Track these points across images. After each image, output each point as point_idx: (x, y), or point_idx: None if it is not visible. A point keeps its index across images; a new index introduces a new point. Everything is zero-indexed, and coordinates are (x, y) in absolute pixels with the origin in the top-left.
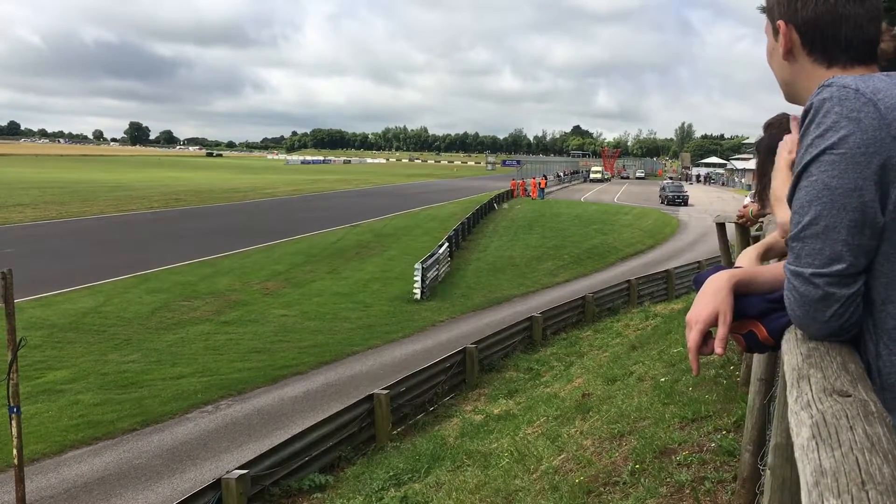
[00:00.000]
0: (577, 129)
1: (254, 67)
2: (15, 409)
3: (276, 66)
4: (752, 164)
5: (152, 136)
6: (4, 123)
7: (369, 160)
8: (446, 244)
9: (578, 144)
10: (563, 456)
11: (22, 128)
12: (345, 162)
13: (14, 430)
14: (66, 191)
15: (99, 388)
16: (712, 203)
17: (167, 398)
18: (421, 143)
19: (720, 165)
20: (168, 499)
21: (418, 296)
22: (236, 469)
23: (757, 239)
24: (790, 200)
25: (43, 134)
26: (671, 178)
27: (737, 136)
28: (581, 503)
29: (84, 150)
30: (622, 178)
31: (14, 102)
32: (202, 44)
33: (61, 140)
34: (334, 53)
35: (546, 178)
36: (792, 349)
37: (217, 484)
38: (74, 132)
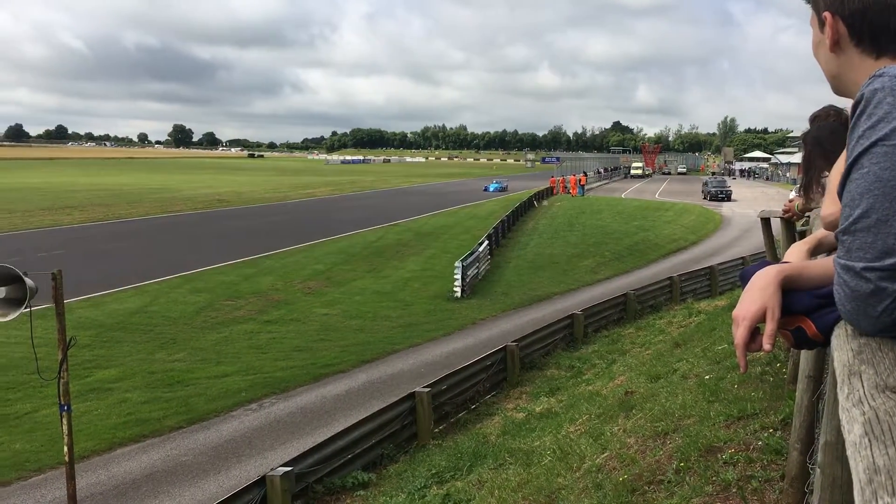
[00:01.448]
0: (616, 125)
1: (292, 68)
2: (66, 408)
3: (314, 67)
4: (797, 157)
5: (195, 138)
6: (52, 128)
7: (408, 159)
8: (486, 242)
9: (618, 140)
10: (606, 454)
11: (69, 132)
12: (384, 161)
13: (65, 428)
14: (113, 193)
15: (146, 386)
16: (756, 198)
17: (212, 396)
18: (460, 141)
19: (764, 160)
20: (214, 496)
21: (458, 294)
22: (281, 466)
23: (803, 234)
24: (840, 193)
25: (90, 137)
26: (714, 174)
27: (781, 130)
28: (625, 502)
29: (129, 153)
30: (663, 173)
31: (61, 107)
32: (241, 46)
33: (107, 143)
34: (372, 53)
35: (586, 175)
36: (842, 345)
37: (262, 481)
38: (120, 135)
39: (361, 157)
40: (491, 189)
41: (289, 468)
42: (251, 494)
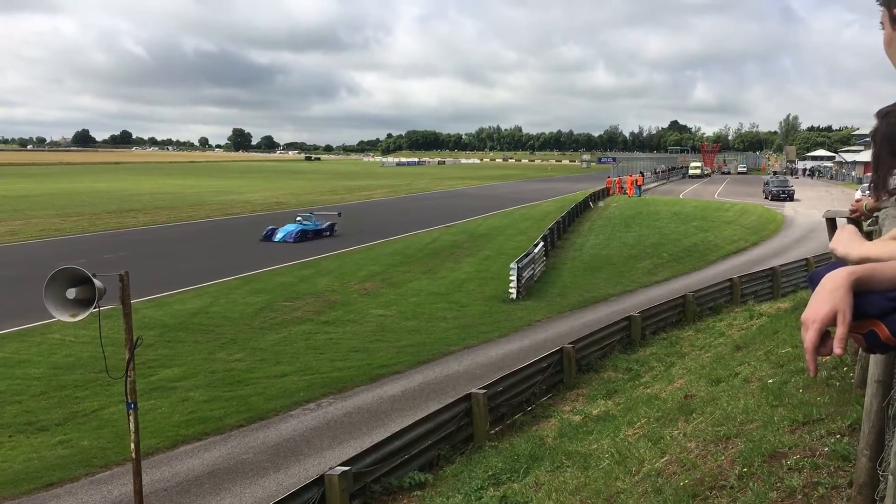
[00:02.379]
0: (674, 125)
1: (348, 71)
2: (132, 406)
3: (369, 70)
4: (862, 156)
5: (254, 142)
6: (117, 133)
7: (463, 160)
8: (541, 243)
9: (676, 140)
10: (665, 458)
11: (133, 136)
12: (439, 163)
13: (132, 426)
14: (175, 196)
15: (208, 385)
16: (820, 198)
17: (272, 396)
18: (515, 142)
19: (828, 158)
20: (273, 494)
21: (514, 295)
22: (339, 466)
23: (870, 235)
24: None
25: (153, 142)
26: (775, 173)
27: (846, 128)
28: None
29: (191, 157)
30: (723, 173)
31: (125, 112)
32: (297, 50)
33: (170, 148)
34: (425, 55)
35: (643, 175)
36: None
37: (320, 480)
38: (182, 140)
39: (416, 159)
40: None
41: (347, 468)
42: (310, 493)
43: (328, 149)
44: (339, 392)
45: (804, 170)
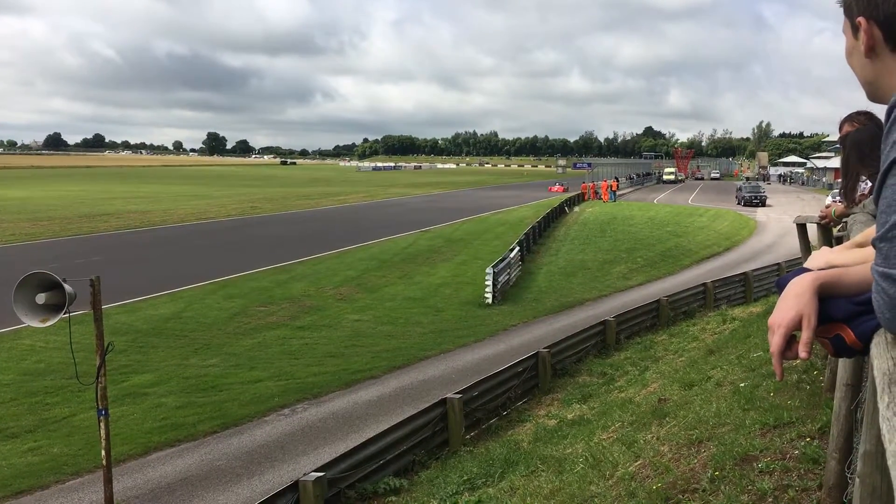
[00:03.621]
0: (648, 131)
1: (323, 76)
2: (103, 412)
3: (344, 74)
4: (833, 162)
5: (229, 146)
6: (90, 136)
7: (440, 165)
8: (517, 248)
9: (651, 146)
10: (639, 462)
11: (106, 140)
12: (415, 168)
13: (102, 433)
14: (149, 200)
15: (181, 391)
16: (791, 203)
17: (246, 401)
18: (491, 147)
19: (800, 165)
20: (248, 500)
21: (490, 300)
22: (313, 472)
23: (840, 240)
24: (877, 201)
25: (126, 146)
26: (748, 179)
27: (817, 134)
28: None
29: (165, 161)
30: (696, 179)
31: (97, 115)
32: (271, 53)
33: (143, 151)
34: (401, 60)
35: (618, 181)
36: (882, 353)
37: (295, 486)
38: (155, 143)
39: (393, 164)
40: None
41: (321, 473)
42: (284, 499)
43: (304, 153)
44: (313, 397)
45: (780, 176)
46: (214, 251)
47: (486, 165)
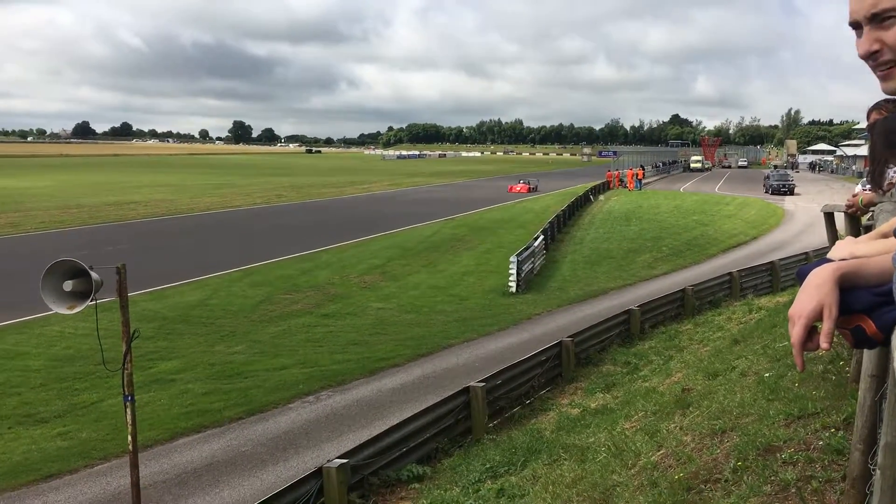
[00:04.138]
0: (675, 118)
1: (347, 64)
2: (129, 398)
3: (368, 62)
4: (863, 150)
5: (254, 135)
6: (118, 124)
7: (464, 154)
8: (541, 237)
9: (677, 134)
10: (662, 452)
11: (134, 128)
12: (440, 156)
13: (129, 418)
14: (176, 188)
15: (207, 377)
16: (821, 192)
17: (271, 388)
18: (516, 135)
19: (829, 152)
20: (272, 486)
21: (513, 289)
22: (337, 458)
23: (869, 228)
24: None
25: (153, 134)
26: (776, 167)
27: (847, 122)
28: (681, 500)
29: (191, 150)
30: (724, 167)
31: (125, 104)
32: (295, 42)
33: (170, 140)
34: (425, 47)
35: (643, 169)
36: None
37: (318, 472)
38: (182, 132)
39: (417, 153)
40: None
41: (345, 460)
42: (308, 485)
43: (329, 141)
44: (338, 385)
45: (811, 163)
46: (240, 239)
47: (510, 154)
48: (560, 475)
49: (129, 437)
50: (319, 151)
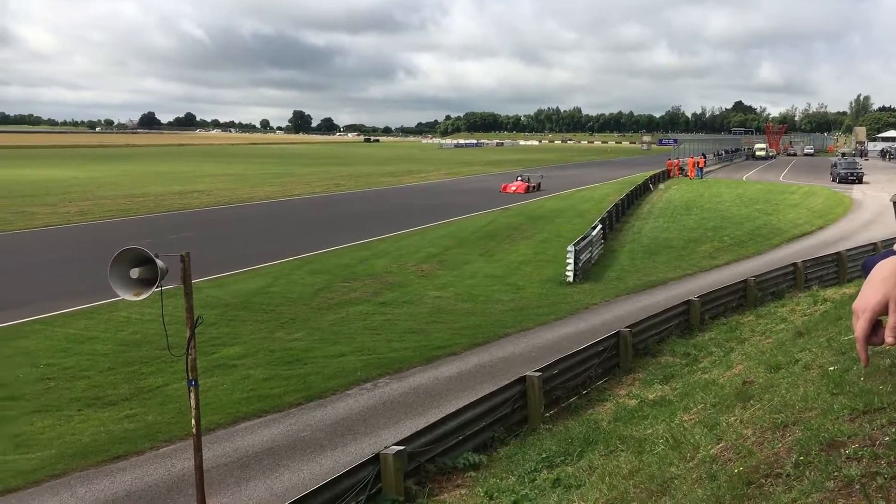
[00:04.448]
0: (738, 105)
1: (405, 53)
2: (193, 382)
3: (426, 51)
4: None
5: (314, 124)
6: (182, 115)
7: (522, 142)
8: (599, 226)
9: (740, 121)
10: (721, 445)
11: (197, 118)
12: (497, 145)
13: (192, 402)
14: (237, 178)
15: (267, 363)
16: (891, 180)
17: (329, 375)
18: (574, 123)
19: None
20: (331, 471)
21: (571, 278)
22: (394, 445)
23: None
24: None
25: (216, 124)
26: (844, 155)
27: None
28: (740, 494)
29: (252, 139)
30: (788, 155)
31: (188, 95)
32: (354, 31)
33: (232, 130)
34: (482, 35)
35: (705, 157)
36: None
37: (376, 458)
38: (243, 122)
39: (475, 141)
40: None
41: (402, 447)
42: (366, 471)
43: (387, 130)
44: (395, 372)
45: (882, 151)
46: (299, 228)
47: (568, 142)
48: (617, 466)
49: (193, 421)
50: (377, 140)
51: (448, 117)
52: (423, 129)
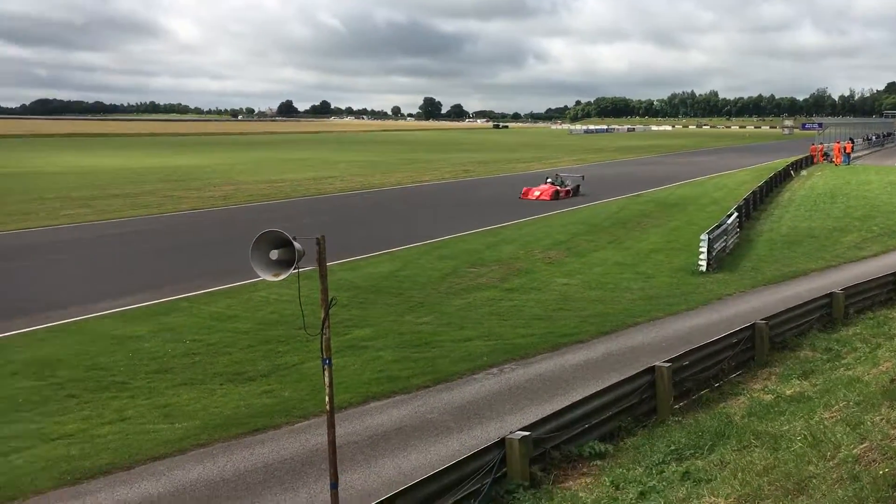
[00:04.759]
0: (891, 87)
1: (535, 38)
2: (327, 361)
3: (556, 36)
4: None
5: (443, 111)
6: (317, 103)
7: (654, 128)
8: (735, 214)
9: (893, 103)
10: (864, 445)
11: (332, 106)
12: (628, 130)
13: (326, 380)
14: (369, 164)
15: (396, 346)
16: None
17: (456, 359)
18: (710, 108)
19: None
20: (457, 452)
21: (703, 268)
22: (519, 430)
23: None
24: None
25: (349, 112)
26: None
27: None
28: (885, 497)
29: (384, 126)
30: None
31: (323, 83)
32: (484, 18)
33: (365, 117)
34: (614, 18)
35: (853, 142)
36: None
37: (501, 443)
38: (376, 109)
39: (605, 127)
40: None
41: (527, 433)
42: (491, 455)
43: (516, 116)
44: (521, 358)
45: None
46: (428, 213)
47: (704, 127)
48: (750, 462)
49: (327, 399)
50: (506, 127)
51: (578, 102)
52: (552, 115)
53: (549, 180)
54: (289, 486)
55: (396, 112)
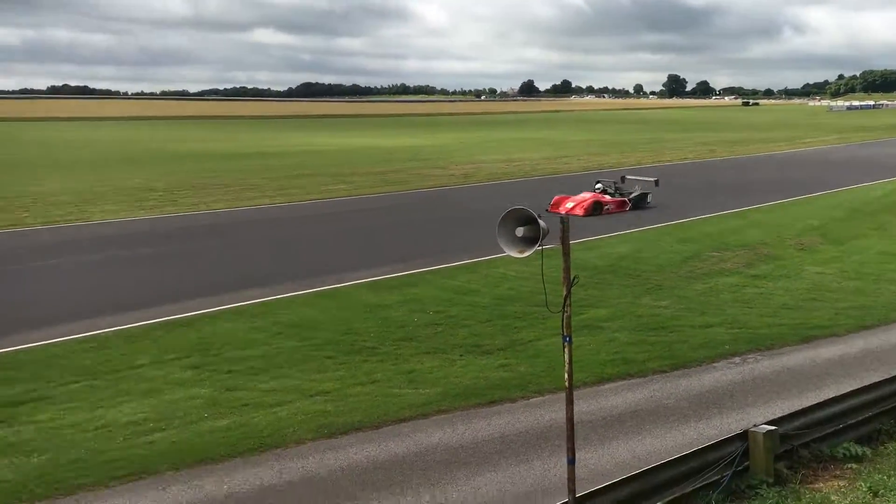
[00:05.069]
0: None
1: (791, 8)
2: (568, 339)
3: (816, 4)
4: None
5: (688, 88)
6: (558, 82)
7: None
8: None
9: None
10: None
11: (572, 85)
12: None
13: (566, 357)
14: (607, 144)
15: (632, 328)
16: None
17: (695, 345)
18: None
19: None
20: (694, 441)
21: None
22: (764, 424)
23: None
24: None
25: (590, 90)
26: None
27: None
28: None
29: (625, 105)
30: None
31: (565, 62)
32: None
33: (605, 95)
34: None
35: None
36: None
37: (744, 435)
38: (617, 87)
39: (872, 103)
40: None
41: (773, 427)
42: (733, 446)
43: (768, 93)
44: (766, 349)
45: None
46: (672, 194)
47: None
48: None
49: (566, 375)
50: (756, 104)
51: (841, 77)
52: (809, 91)
53: (598, 187)
54: (523, 457)
55: (638, 90)
